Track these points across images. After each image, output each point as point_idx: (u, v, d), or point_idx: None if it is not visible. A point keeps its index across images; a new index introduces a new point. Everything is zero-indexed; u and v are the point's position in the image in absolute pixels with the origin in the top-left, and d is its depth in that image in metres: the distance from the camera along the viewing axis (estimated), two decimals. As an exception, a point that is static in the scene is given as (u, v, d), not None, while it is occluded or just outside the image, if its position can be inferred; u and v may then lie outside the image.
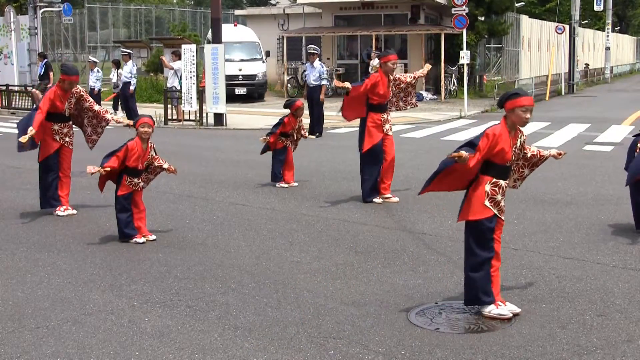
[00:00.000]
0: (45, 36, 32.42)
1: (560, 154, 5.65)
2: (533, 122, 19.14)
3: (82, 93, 8.75)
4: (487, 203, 5.11)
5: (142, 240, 7.33)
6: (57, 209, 8.70)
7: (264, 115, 21.90)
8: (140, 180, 7.45)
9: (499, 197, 5.14)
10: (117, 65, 21.41)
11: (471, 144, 5.04)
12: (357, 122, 9.51)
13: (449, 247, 7.18)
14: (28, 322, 5.23)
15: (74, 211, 8.74)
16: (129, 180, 7.35)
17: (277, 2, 37.25)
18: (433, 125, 18.71)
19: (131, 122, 8.89)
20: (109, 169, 7.21)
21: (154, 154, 7.55)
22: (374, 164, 9.21)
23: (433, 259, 6.78)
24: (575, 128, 18.12)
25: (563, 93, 32.53)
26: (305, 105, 12.35)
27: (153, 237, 7.46)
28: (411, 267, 6.53)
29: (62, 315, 5.35)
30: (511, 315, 5.16)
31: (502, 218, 5.23)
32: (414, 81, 9.60)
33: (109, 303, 5.63)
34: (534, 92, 28.70)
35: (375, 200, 9.24)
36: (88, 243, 7.43)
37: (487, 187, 5.12)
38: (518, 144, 5.23)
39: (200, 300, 5.67)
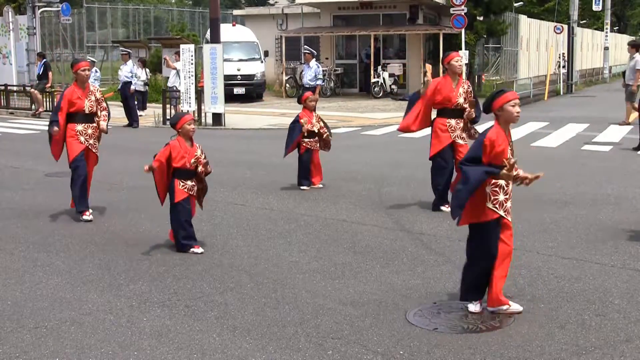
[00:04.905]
0: (43, 36, 32.41)
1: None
2: (532, 122, 19.19)
3: (101, 95, 8.57)
4: (490, 205, 5.10)
5: (199, 250, 6.97)
6: (84, 213, 8.44)
7: (263, 115, 21.91)
8: (194, 183, 7.06)
9: (501, 197, 5.13)
10: (144, 63, 21.81)
11: (477, 160, 5.02)
12: (357, 122, 9.48)
13: (447, 247, 7.18)
14: (27, 322, 5.23)
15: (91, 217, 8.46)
16: (182, 184, 6.97)
17: (276, 2, 37.24)
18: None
19: (105, 129, 8.55)
20: (157, 164, 6.87)
21: (200, 154, 7.09)
22: (439, 173, 8.73)
23: (432, 259, 6.78)
24: (573, 128, 18.12)
25: (562, 93, 32.54)
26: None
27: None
28: (410, 267, 6.53)
29: (61, 315, 5.35)
30: (481, 310, 5.28)
31: (509, 219, 5.21)
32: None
33: (108, 303, 5.63)
34: (532, 92, 28.73)
35: (442, 208, 8.70)
36: (87, 243, 7.43)
37: (488, 189, 5.11)
38: (511, 143, 5.22)
39: (198, 300, 5.67)
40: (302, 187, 10.17)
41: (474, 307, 5.32)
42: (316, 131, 10.27)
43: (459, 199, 5.04)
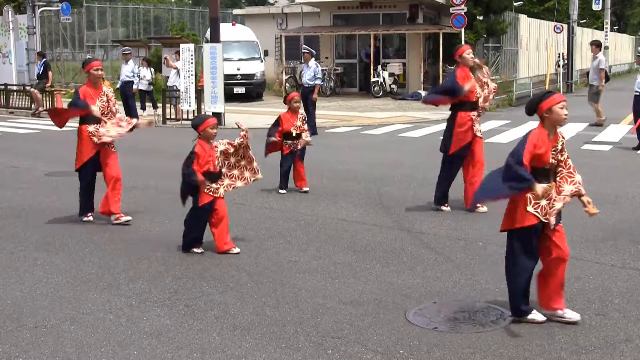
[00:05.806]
0: (43, 35, 32.40)
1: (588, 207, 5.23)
2: (532, 122, 19.13)
3: (112, 96, 8.35)
4: (530, 209, 4.98)
5: (200, 250, 6.97)
6: (85, 215, 8.34)
7: (263, 115, 21.90)
8: (218, 185, 7.01)
9: (542, 201, 4.99)
10: (148, 63, 21.90)
11: (519, 162, 4.90)
12: (357, 121, 9.45)
13: (447, 246, 7.18)
14: (27, 321, 5.23)
15: (129, 217, 8.27)
16: (207, 187, 6.96)
17: (276, 2, 37.26)
18: (432, 125, 18.71)
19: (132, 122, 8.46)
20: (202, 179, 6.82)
21: (219, 155, 7.07)
22: (454, 169, 8.65)
23: (431, 258, 6.78)
24: (573, 127, 18.12)
25: (561, 92, 32.54)
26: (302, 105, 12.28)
27: (236, 250, 6.98)
28: (409, 266, 6.53)
29: (61, 315, 5.35)
30: (544, 319, 5.11)
31: (552, 221, 5.03)
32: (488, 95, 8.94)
33: (108, 302, 5.63)
34: (532, 92, 28.72)
35: (443, 208, 8.68)
36: (86, 242, 7.43)
37: (528, 193, 4.98)
38: (559, 147, 5.12)
39: (198, 300, 5.67)
40: (280, 191, 9.91)
41: (539, 315, 5.14)
42: (294, 134, 9.90)
43: (490, 192, 5.14)
